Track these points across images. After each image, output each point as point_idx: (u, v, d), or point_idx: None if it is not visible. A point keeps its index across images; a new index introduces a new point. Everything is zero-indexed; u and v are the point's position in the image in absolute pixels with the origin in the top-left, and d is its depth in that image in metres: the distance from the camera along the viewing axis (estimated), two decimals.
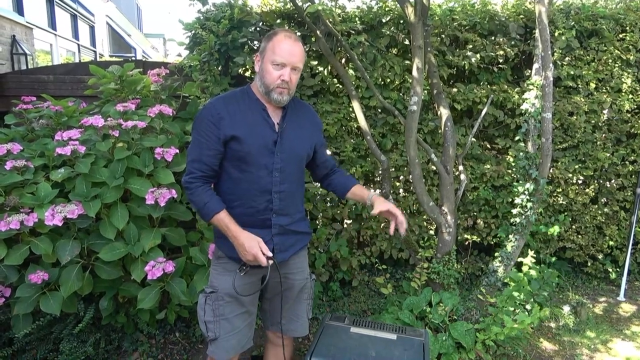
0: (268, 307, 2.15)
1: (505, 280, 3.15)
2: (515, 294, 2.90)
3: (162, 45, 25.92)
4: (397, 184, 3.72)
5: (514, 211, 3.11)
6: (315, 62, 3.42)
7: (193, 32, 3.29)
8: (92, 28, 13.71)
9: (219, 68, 3.27)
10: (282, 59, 1.78)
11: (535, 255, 2.95)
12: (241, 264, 1.88)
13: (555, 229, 3.44)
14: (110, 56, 15.22)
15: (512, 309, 2.92)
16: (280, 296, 2.02)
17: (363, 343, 2.20)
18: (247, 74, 3.49)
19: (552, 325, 3.47)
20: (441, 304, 2.97)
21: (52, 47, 10.07)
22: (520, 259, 2.99)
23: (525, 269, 2.97)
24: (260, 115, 1.86)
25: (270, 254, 1.78)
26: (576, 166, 3.88)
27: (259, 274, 1.95)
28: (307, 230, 2.08)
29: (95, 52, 13.56)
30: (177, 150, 2.60)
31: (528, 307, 3.03)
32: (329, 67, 3.45)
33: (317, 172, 2.17)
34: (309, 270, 2.18)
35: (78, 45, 11.92)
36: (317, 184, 2.80)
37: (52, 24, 10.28)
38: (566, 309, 3.61)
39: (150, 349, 2.93)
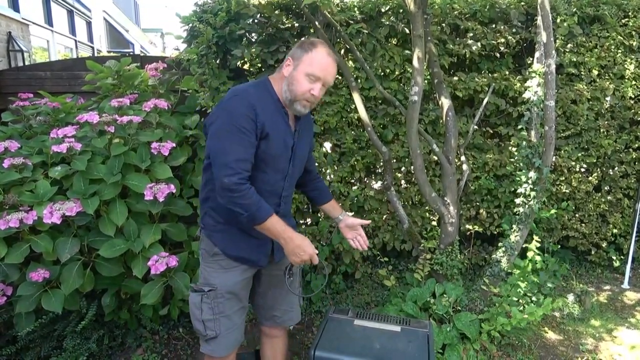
0: (262, 302, 2.13)
1: (510, 270, 3.14)
2: (520, 283, 2.89)
3: (160, 40, 25.82)
4: (399, 175, 3.69)
5: (517, 200, 3.08)
6: None
7: (190, 25, 3.25)
8: (89, 24, 13.64)
9: (217, 61, 3.23)
10: (319, 74, 1.74)
11: (539, 241, 2.93)
12: (288, 267, 1.91)
13: (552, 211, 3.42)
14: (108, 52, 15.15)
15: (516, 299, 2.90)
16: (273, 289, 2.08)
17: (367, 335, 2.19)
18: (246, 66, 3.46)
19: (557, 314, 3.46)
20: (445, 295, 2.95)
21: (49, 44, 10.03)
22: (525, 245, 2.97)
23: (530, 254, 2.94)
24: (282, 118, 1.82)
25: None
26: (579, 154, 3.84)
27: (254, 270, 1.96)
28: (295, 225, 2.10)
29: (92, 48, 13.50)
30: (174, 145, 2.58)
31: (534, 298, 3.01)
32: None
33: (303, 176, 2.11)
34: None
35: (75, 41, 11.86)
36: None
37: (49, 20, 10.22)
38: (570, 297, 3.59)
39: (154, 345, 2.92)
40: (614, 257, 4.12)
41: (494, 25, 3.63)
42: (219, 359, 1.96)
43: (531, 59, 3.39)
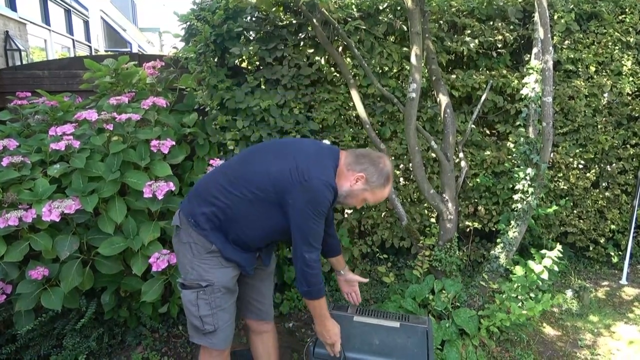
0: (250, 295, 2.17)
1: (508, 267, 3.14)
2: (525, 284, 2.90)
3: (157, 39, 25.77)
4: (397, 172, 3.70)
5: (515, 197, 3.09)
6: (312, 51, 3.39)
7: (188, 23, 3.25)
8: (86, 23, 13.61)
9: (215, 59, 3.23)
10: (373, 204, 2.00)
11: (561, 251, 2.96)
12: (315, 339, 2.09)
13: (553, 208, 3.43)
14: (106, 51, 15.13)
15: (514, 295, 2.91)
16: (261, 282, 2.17)
17: (366, 331, 2.20)
18: (244, 64, 3.46)
19: (555, 310, 3.47)
20: (444, 291, 2.96)
21: (47, 43, 10.00)
22: (544, 251, 3.00)
23: (547, 262, 2.96)
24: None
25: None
26: (577, 150, 3.85)
27: (240, 269, 1.99)
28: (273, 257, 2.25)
29: (90, 47, 13.47)
30: (174, 143, 2.58)
31: (532, 294, 3.02)
32: (326, 56, 3.42)
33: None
34: (274, 255, 2.29)
35: (73, 40, 11.84)
36: None
37: (46, 19, 10.19)
38: (569, 293, 3.61)
39: (154, 343, 2.93)
40: (612, 253, 4.13)
41: (491, 23, 3.63)
42: (218, 352, 1.97)
43: (529, 55, 3.40)
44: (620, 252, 4.15)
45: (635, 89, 3.85)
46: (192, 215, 1.88)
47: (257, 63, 3.40)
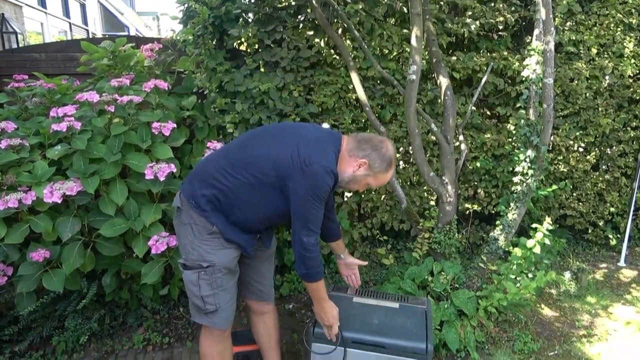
0: (251, 276, 2.17)
1: (507, 248, 3.16)
2: (522, 262, 2.91)
3: (155, 23, 25.51)
4: (397, 155, 3.69)
5: (515, 179, 3.09)
6: (311, 33, 3.36)
7: (186, 5, 3.21)
8: (83, 6, 13.46)
9: (214, 42, 3.20)
10: (375, 188, 2.05)
11: (551, 223, 2.96)
12: (314, 320, 2.09)
13: (552, 188, 3.43)
14: (103, 35, 14.98)
15: (513, 276, 2.93)
16: (261, 264, 2.18)
17: (366, 312, 2.22)
18: (243, 47, 3.43)
19: (553, 291, 3.50)
20: (443, 273, 2.98)
21: (43, 27, 9.91)
22: (535, 225, 3.00)
23: (539, 236, 2.96)
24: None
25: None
26: (577, 133, 3.85)
27: (240, 250, 2.00)
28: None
29: (87, 31, 13.34)
30: (175, 125, 2.57)
31: (530, 275, 3.04)
32: (326, 38, 3.39)
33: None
34: (275, 238, 2.30)
35: (70, 24, 11.72)
36: None
37: (42, 1, 10.07)
38: (567, 275, 3.63)
39: (155, 324, 2.96)
40: (611, 236, 4.15)
41: (492, 4, 3.60)
42: (219, 332, 1.99)
43: (530, 37, 3.37)
44: (618, 235, 4.17)
45: (637, 71, 3.83)
46: (193, 196, 1.88)
47: (256, 45, 3.37)
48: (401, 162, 3.73)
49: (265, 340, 2.29)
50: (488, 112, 3.89)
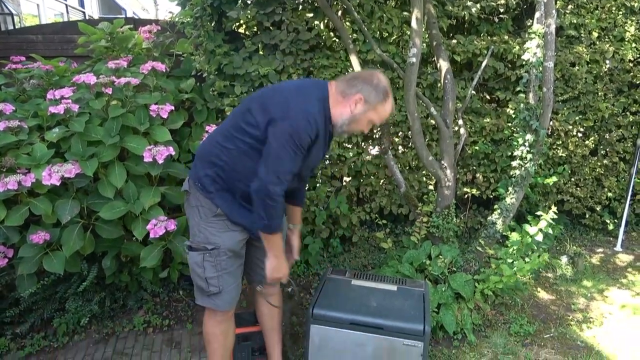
0: (259, 261, 2.13)
1: (504, 232, 3.18)
2: (520, 247, 2.94)
3: (153, 7, 25.19)
4: (396, 139, 3.69)
5: (514, 163, 3.09)
6: (311, 15, 3.32)
7: None
8: None
9: (212, 23, 3.17)
10: (379, 123, 1.90)
11: (556, 212, 2.98)
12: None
13: (552, 179, 3.44)
14: (100, 17, 14.81)
15: (510, 260, 2.95)
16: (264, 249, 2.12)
17: (364, 294, 2.24)
18: (241, 29, 3.40)
19: (550, 275, 3.53)
20: (440, 257, 3.00)
21: (39, 8, 9.77)
22: (539, 213, 3.02)
23: (542, 224, 2.98)
24: (326, 136, 1.86)
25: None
26: (576, 118, 3.84)
27: (247, 233, 1.99)
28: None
29: (84, 13, 13.15)
30: (173, 107, 2.56)
31: (527, 259, 3.07)
32: (326, 20, 3.35)
33: None
34: (286, 222, 2.25)
35: (66, 5, 11.55)
36: None
37: None
38: (564, 259, 3.66)
39: (155, 307, 2.98)
40: (608, 221, 4.17)
41: None
42: (222, 313, 2.00)
43: (531, 21, 3.34)
44: (615, 220, 4.19)
45: (637, 56, 3.81)
46: (198, 178, 1.90)
47: (255, 28, 3.34)
48: (400, 147, 3.72)
49: (267, 321, 2.31)
50: (488, 97, 3.87)
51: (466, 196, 3.95)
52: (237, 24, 3.27)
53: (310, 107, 1.75)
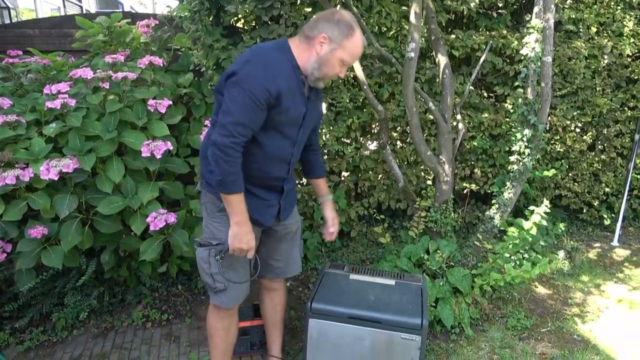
0: (267, 255, 2.15)
1: (502, 227, 3.19)
2: (517, 242, 2.94)
3: (150, 1, 25.07)
4: (395, 134, 3.69)
5: (512, 158, 3.10)
6: (310, 10, 3.31)
7: None
8: None
9: (211, 18, 3.16)
10: (352, 61, 1.79)
11: (548, 206, 2.98)
12: (224, 251, 1.87)
13: (551, 172, 3.45)
14: (97, 12, 14.73)
15: (508, 255, 2.96)
16: (279, 243, 2.13)
17: (362, 288, 2.25)
18: (240, 24, 3.38)
19: (547, 270, 3.54)
20: (438, 251, 3.01)
21: (36, 2, 9.72)
22: (532, 207, 3.02)
23: (536, 218, 2.99)
24: (299, 86, 1.79)
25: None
26: (574, 113, 3.85)
27: (260, 229, 1.98)
28: (294, 184, 2.19)
29: (81, 7, 13.09)
30: (171, 102, 2.56)
31: (526, 255, 3.08)
32: None
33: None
34: (298, 215, 2.26)
35: (63, 0, 11.49)
36: None
37: None
38: (561, 254, 3.68)
39: (153, 302, 2.99)
40: (605, 216, 4.19)
41: None
42: (226, 310, 2.01)
43: (529, 16, 3.34)
44: (613, 215, 4.20)
45: (636, 51, 3.81)
46: (203, 176, 1.92)
47: (253, 22, 3.33)
48: (398, 142, 3.73)
49: (270, 315, 2.33)
50: (486, 92, 3.88)
51: (464, 191, 3.96)
52: (235, 18, 3.26)
53: (261, 57, 1.69)
